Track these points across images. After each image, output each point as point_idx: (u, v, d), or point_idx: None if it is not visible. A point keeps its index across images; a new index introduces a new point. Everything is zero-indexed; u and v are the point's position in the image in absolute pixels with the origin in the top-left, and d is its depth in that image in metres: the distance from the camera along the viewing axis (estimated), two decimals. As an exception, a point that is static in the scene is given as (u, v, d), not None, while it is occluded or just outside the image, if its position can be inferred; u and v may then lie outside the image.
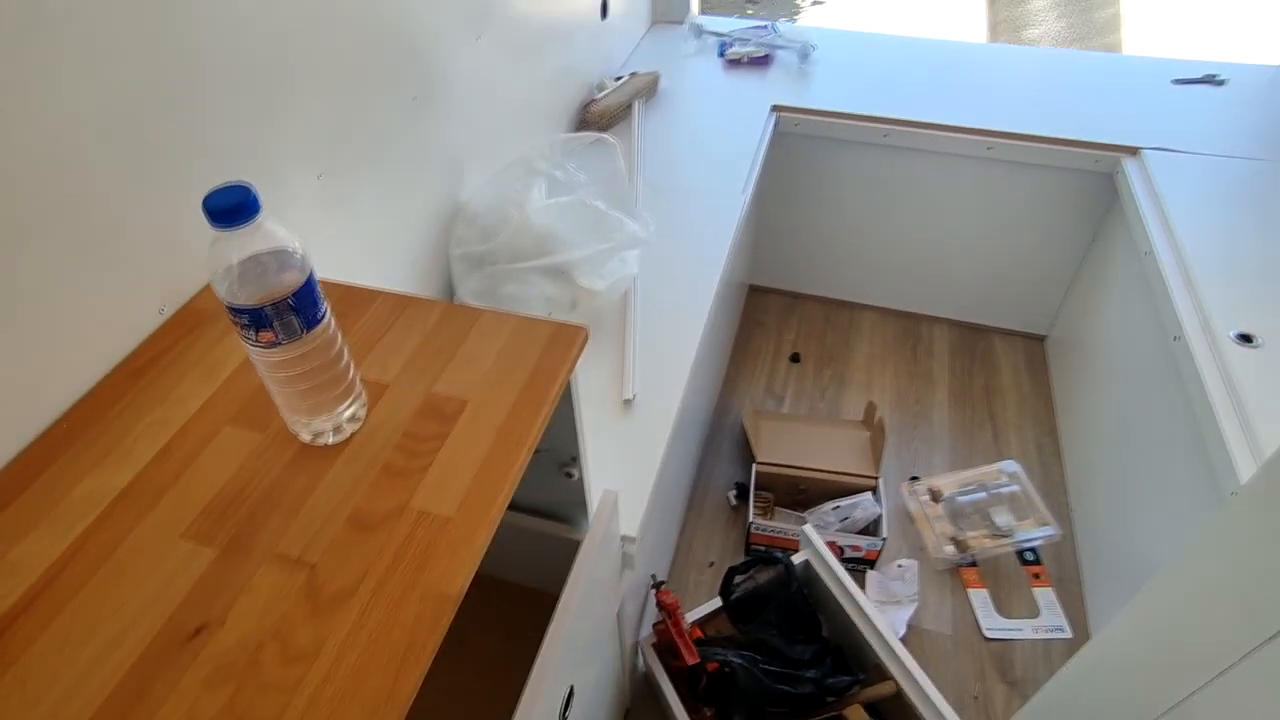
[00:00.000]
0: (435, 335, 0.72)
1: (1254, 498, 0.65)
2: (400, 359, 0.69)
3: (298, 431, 0.62)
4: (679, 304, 1.36)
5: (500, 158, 1.39)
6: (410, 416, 0.65)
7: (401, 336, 0.72)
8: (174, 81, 0.71)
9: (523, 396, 0.66)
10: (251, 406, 0.65)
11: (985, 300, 2.19)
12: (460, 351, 0.70)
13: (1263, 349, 1.23)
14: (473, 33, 1.27)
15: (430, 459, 0.61)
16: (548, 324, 0.72)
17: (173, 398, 0.67)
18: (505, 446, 0.62)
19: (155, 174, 0.71)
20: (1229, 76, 2.00)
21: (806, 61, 2.08)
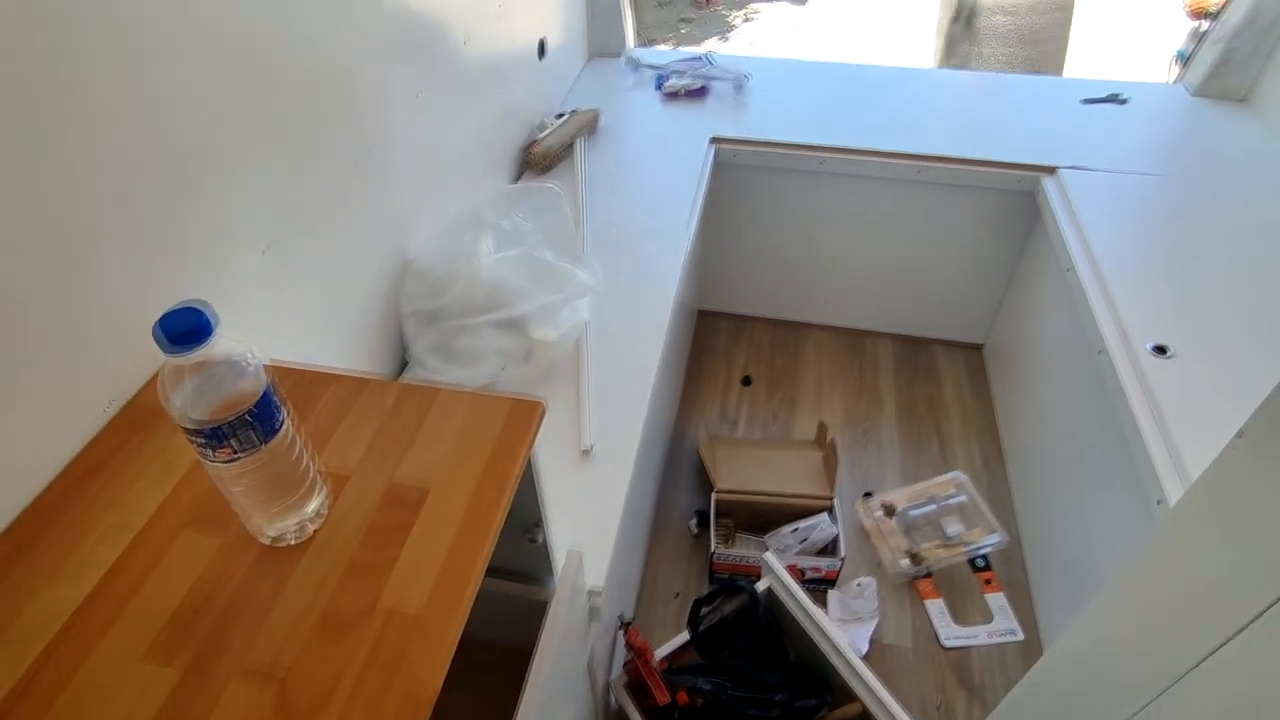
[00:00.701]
0: (394, 418, 0.72)
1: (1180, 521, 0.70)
2: (360, 446, 0.70)
3: (259, 534, 0.61)
4: (631, 346, 1.38)
5: (446, 208, 1.40)
6: (374, 508, 0.65)
7: (360, 421, 0.72)
8: (107, 169, 0.71)
9: (485, 478, 0.67)
10: (210, 507, 0.64)
11: (925, 313, 2.27)
12: (420, 433, 0.71)
13: (1176, 359, 1.32)
14: (412, 90, 1.27)
15: (396, 552, 0.62)
16: (505, 400, 0.73)
17: (127, 501, 0.66)
18: (471, 533, 0.63)
19: (92, 264, 0.70)
20: (1130, 95, 2.13)
21: (742, 92, 2.14)
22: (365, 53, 1.12)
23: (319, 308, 1.07)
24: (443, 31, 1.37)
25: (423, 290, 1.24)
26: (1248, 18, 1.97)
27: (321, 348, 1.10)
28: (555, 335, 1.22)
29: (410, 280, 1.25)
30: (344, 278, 1.13)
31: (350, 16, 1.07)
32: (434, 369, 1.23)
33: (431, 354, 1.23)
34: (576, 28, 2.22)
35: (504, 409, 0.73)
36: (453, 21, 1.40)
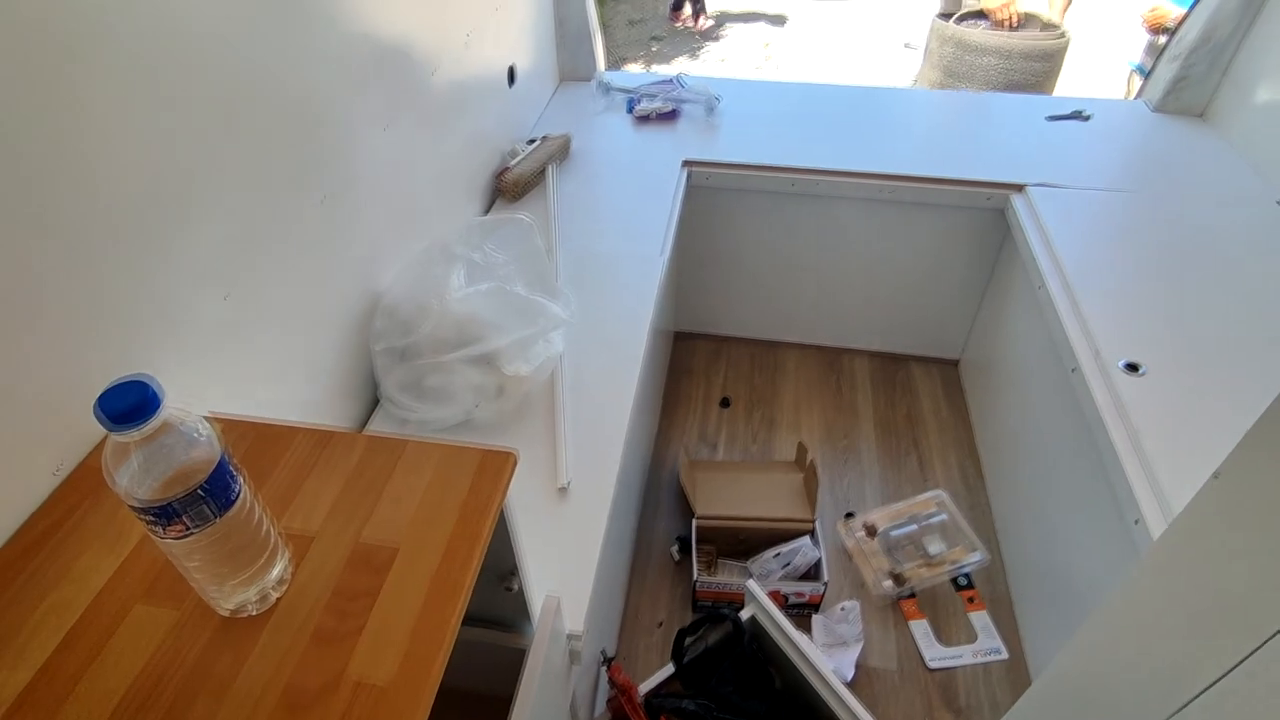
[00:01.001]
0: (360, 474, 0.70)
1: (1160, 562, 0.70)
2: (325, 505, 0.67)
3: (217, 606, 0.59)
4: (607, 376, 1.37)
5: (417, 240, 1.38)
6: (339, 571, 0.63)
7: (325, 478, 0.70)
8: (53, 216, 0.68)
9: (456, 536, 0.65)
10: (164, 577, 0.61)
11: (900, 330, 2.28)
12: (387, 490, 0.69)
13: (1147, 377, 1.33)
14: (379, 124, 1.25)
15: (363, 619, 0.59)
16: (475, 451, 0.72)
17: (75, 573, 0.63)
18: (441, 596, 0.61)
19: (37, 319, 0.67)
20: (1093, 111, 2.17)
21: (713, 114, 2.15)
22: (330, 89, 1.10)
23: (286, 351, 1.05)
24: (410, 64, 1.36)
25: (392, 327, 1.22)
26: (1203, 36, 2.02)
27: (290, 391, 1.07)
28: (528, 370, 1.20)
29: (380, 317, 1.23)
30: (312, 318, 1.11)
31: (314, 53, 1.06)
32: (406, 408, 1.21)
33: (403, 392, 1.21)
34: (546, 53, 2.22)
35: (474, 461, 0.71)
36: (420, 54, 1.39)
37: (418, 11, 1.36)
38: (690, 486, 1.77)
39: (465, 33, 1.59)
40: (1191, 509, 0.59)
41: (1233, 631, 0.54)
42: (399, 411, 1.21)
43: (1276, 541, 0.52)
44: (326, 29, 1.08)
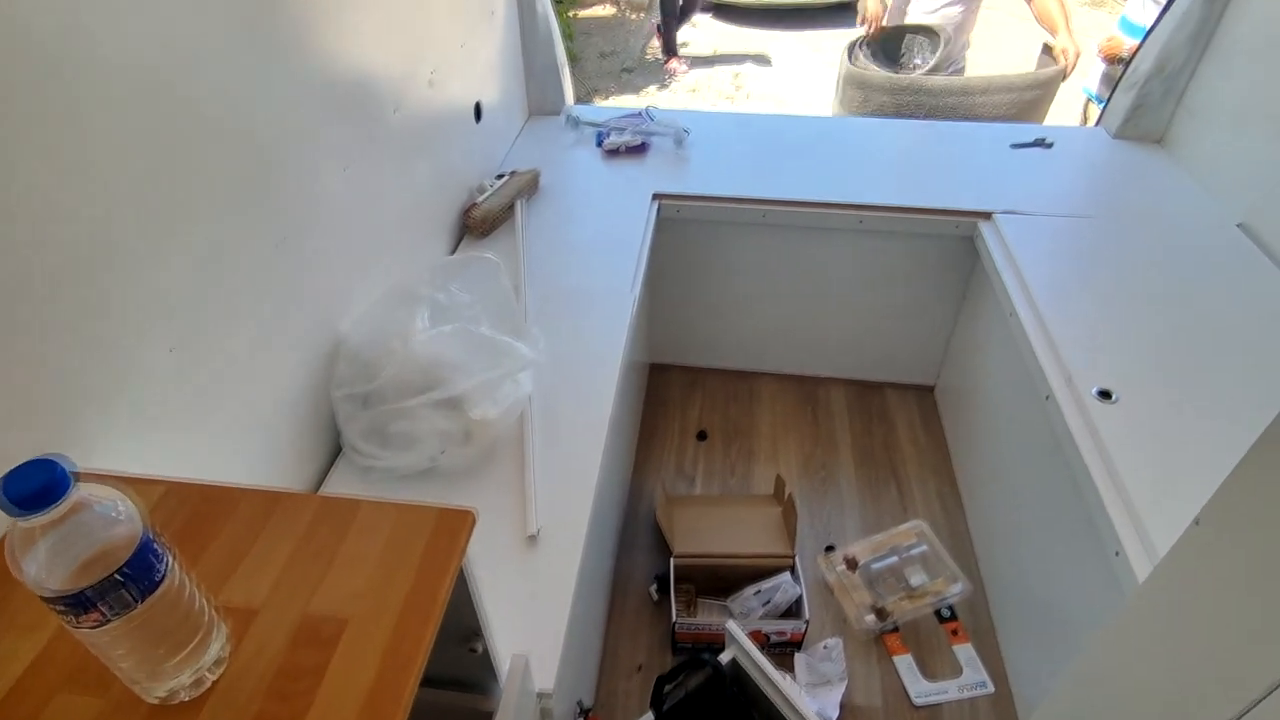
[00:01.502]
0: (310, 538, 0.66)
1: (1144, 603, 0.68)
2: (271, 575, 0.63)
3: (146, 695, 0.54)
4: (579, 415, 1.34)
5: (381, 281, 1.35)
6: (284, 648, 0.58)
7: (271, 545, 0.66)
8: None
9: (409, 606, 0.61)
10: (89, 664, 0.57)
11: (875, 357, 2.28)
12: (339, 555, 0.65)
13: (1120, 404, 1.33)
14: (338, 164, 1.23)
15: (309, 700, 0.55)
16: (431, 511, 0.68)
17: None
18: (393, 670, 0.57)
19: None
20: (1055, 139, 2.21)
21: (682, 146, 2.15)
22: (286, 128, 1.07)
23: (239, 403, 1.00)
24: (371, 102, 1.34)
25: (354, 372, 1.18)
26: (1156, 65, 2.06)
27: (244, 444, 1.03)
28: (496, 413, 1.17)
29: (341, 362, 1.19)
30: (268, 367, 1.07)
31: (268, 91, 1.03)
32: (369, 456, 1.16)
33: (366, 439, 1.17)
34: (514, 87, 2.21)
35: (430, 521, 0.67)
36: (382, 92, 1.37)
37: (378, 49, 1.34)
38: (667, 524, 1.73)
39: (429, 70, 1.58)
40: (1173, 556, 0.57)
41: (1224, 687, 0.51)
42: (362, 460, 1.17)
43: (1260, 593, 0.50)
44: (281, 67, 1.06)
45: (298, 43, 1.09)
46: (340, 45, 1.21)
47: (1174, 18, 2.02)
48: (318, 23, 1.14)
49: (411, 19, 1.48)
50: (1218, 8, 1.95)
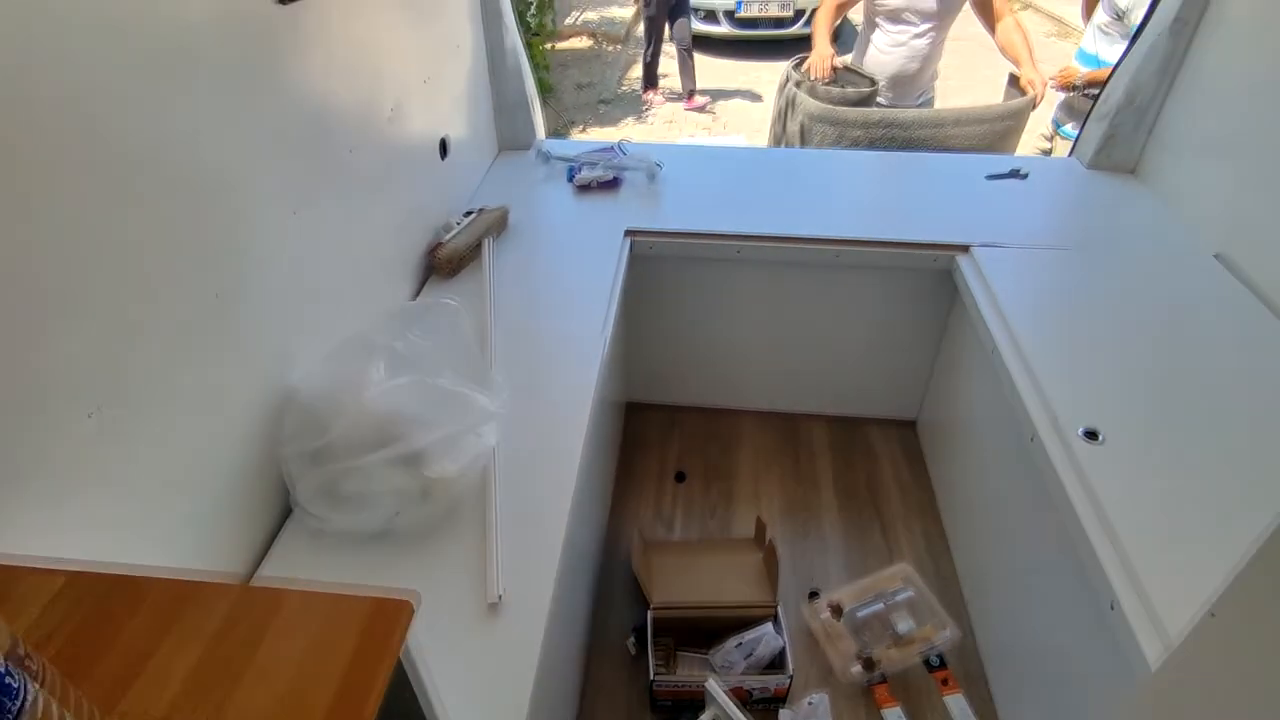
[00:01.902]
0: (224, 639, 0.59)
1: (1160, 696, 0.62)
2: (174, 685, 0.56)
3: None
4: (545, 470, 1.27)
5: (337, 327, 1.28)
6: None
7: (179, 648, 0.58)
8: None
9: (331, 716, 0.54)
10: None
11: (855, 393, 2.24)
12: (256, 659, 0.58)
13: (1107, 445, 1.28)
14: (289, 208, 1.17)
15: (208, 841, 0.48)
16: (365, 602, 0.61)
17: None
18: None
19: None
20: (1030, 170, 2.20)
21: (654, 181, 2.11)
22: (227, 169, 1.02)
23: (175, 465, 0.93)
24: (325, 141, 1.28)
25: (305, 428, 1.11)
26: (1127, 97, 2.07)
27: (181, 508, 0.95)
28: (455, 470, 1.10)
29: (291, 416, 1.12)
30: (207, 426, 0.99)
31: (205, 130, 0.97)
32: (320, 517, 1.09)
33: (317, 500, 1.09)
34: (483, 122, 2.17)
35: (364, 613, 0.60)
36: (337, 129, 1.32)
37: (332, 84, 1.29)
38: (645, 574, 1.66)
39: (389, 106, 1.53)
40: (1188, 646, 0.51)
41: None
42: (313, 522, 1.10)
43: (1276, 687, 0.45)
44: (219, 102, 1.00)
45: (239, 77, 1.04)
46: (289, 80, 1.16)
47: (1141, 51, 2.02)
48: (262, 56, 1.08)
49: (369, 54, 1.43)
50: (1183, 42, 1.96)
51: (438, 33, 1.79)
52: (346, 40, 1.33)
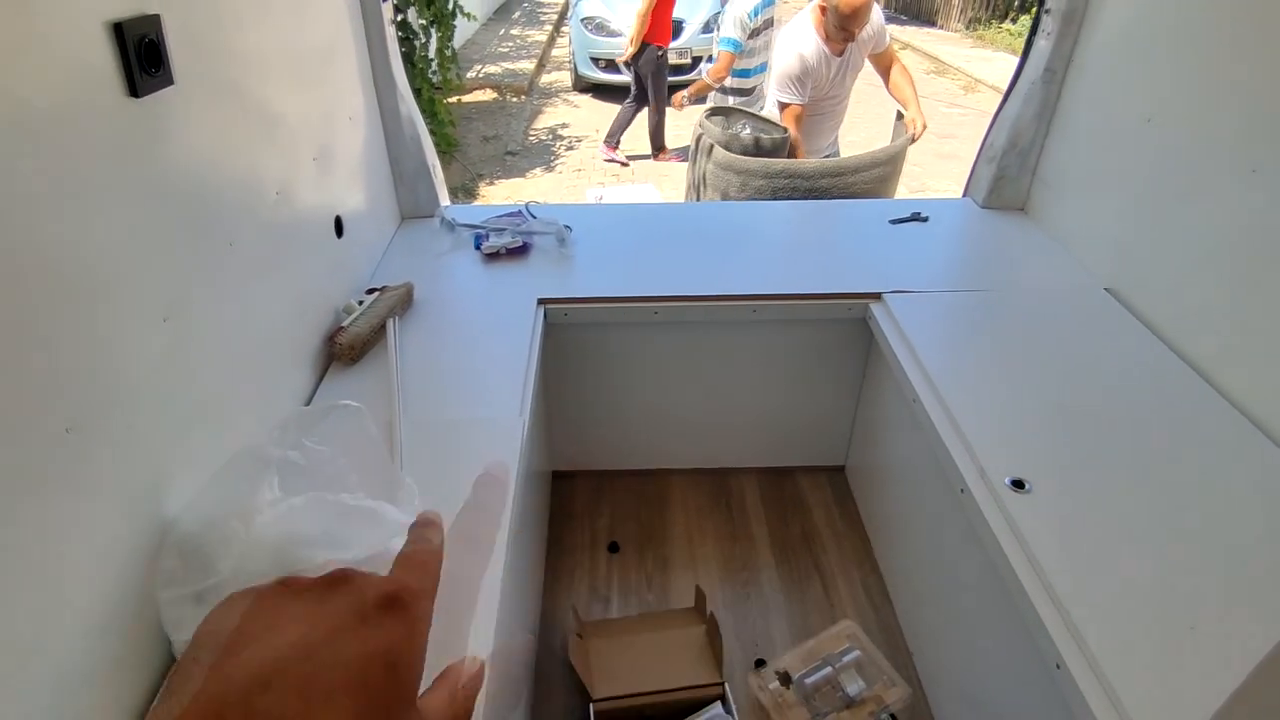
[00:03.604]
0: None
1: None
2: None
3: None
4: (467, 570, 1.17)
5: (230, 436, 1.16)
6: None
7: None
8: None
9: None
10: None
11: (783, 443, 2.23)
12: None
13: (1034, 494, 1.29)
14: (158, 314, 1.05)
15: None
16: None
17: None
18: None
19: None
20: (929, 212, 2.28)
21: (565, 245, 2.07)
22: (81, 282, 0.90)
23: (10, 631, 0.79)
24: (199, 237, 1.17)
25: (187, 567, 0.98)
26: (1010, 140, 2.18)
27: (23, 681, 0.81)
28: (365, 596, 0.99)
29: (169, 556, 0.98)
30: (56, 581, 0.86)
31: (54, 242, 0.85)
32: (208, 667, 0.95)
33: (203, 647, 0.96)
34: (382, 194, 2.08)
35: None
36: (212, 223, 1.20)
37: (202, 175, 1.18)
38: (583, 665, 1.57)
39: (274, 190, 1.43)
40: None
41: None
42: (199, 673, 0.96)
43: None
44: (65, 206, 0.88)
45: (87, 178, 0.92)
46: (150, 176, 1.05)
47: (1020, 97, 2.14)
48: (114, 152, 0.98)
49: (246, 137, 1.33)
50: (1055, 90, 2.08)
51: (326, 106, 1.70)
52: (218, 127, 1.23)
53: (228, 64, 1.26)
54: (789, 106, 3.09)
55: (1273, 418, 1.39)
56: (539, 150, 6.64)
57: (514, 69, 8.52)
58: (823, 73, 3.05)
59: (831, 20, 2.93)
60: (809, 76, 3.03)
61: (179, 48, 1.08)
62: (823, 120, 3.22)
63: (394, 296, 1.73)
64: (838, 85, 3.13)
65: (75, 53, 0.91)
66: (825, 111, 3.21)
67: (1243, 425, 1.41)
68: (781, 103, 3.12)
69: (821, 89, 3.10)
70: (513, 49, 9.48)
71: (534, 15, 11.46)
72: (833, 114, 3.24)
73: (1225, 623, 1.07)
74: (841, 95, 3.20)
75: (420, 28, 4.97)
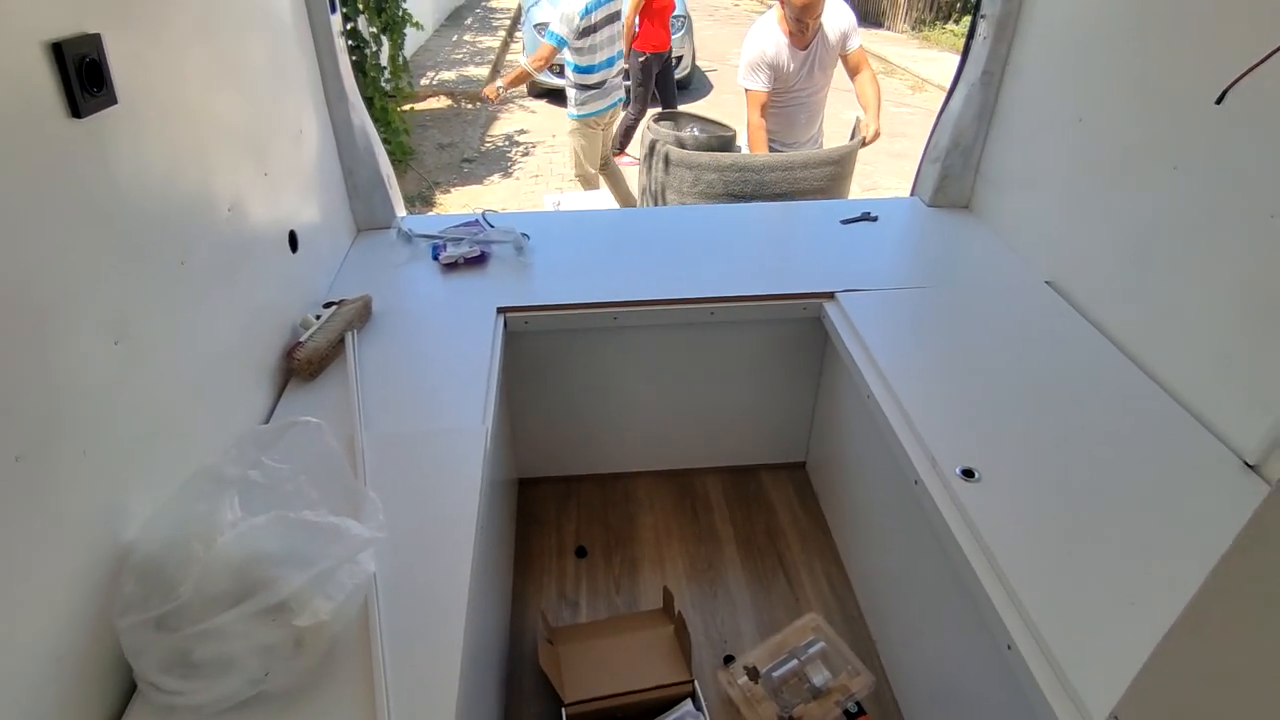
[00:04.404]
0: None
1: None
2: None
3: None
4: (435, 581, 1.17)
5: (188, 457, 1.14)
6: None
7: None
8: None
9: None
10: None
11: (745, 442, 2.27)
12: None
13: (983, 483, 1.34)
14: (109, 336, 1.04)
15: None
16: None
17: None
18: None
19: None
20: (878, 212, 2.34)
21: (523, 253, 2.08)
22: (25, 307, 0.88)
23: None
24: (150, 257, 1.15)
25: (146, 591, 0.97)
26: (953, 141, 2.25)
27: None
28: (330, 611, 0.99)
29: (126, 581, 0.97)
30: (6, 611, 0.84)
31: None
32: (171, 691, 0.95)
33: (166, 672, 0.95)
34: (337, 207, 2.07)
35: None
36: (163, 242, 1.19)
37: (152, 194, 1.16)
38: (554, 670, 1.58)
39: (226, 206, 1.41)
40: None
41: None
42: (162, 698, 0.95)
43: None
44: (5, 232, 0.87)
45: (29, 202, 0.91)
46: (96, 198, 1.03)
47: (960, 99, 2.22)
48: (58, 175, 0.96)
49: (196, 154, 1.31)
50: (993, 91, 2.16)
51: (277, 121, 1.69)
52: (166, 145, 1.21)
53: (173, 81, 1.25)
54: (751, 92, 3.24)
55: (1200, 401, 1.46)
56: (496, 157, 6.62)
57: (468, 75, 8.47)
58: (784, 64, 3.16)
59: (789, 13, 3.06)
60: (770, 67, 3.18)
61: (122, 67, 1.07)
62: (796, 112, 3.33)
63: (352, 310, 1.73)
64: (805, 79, 3.23)
65: (12, 74, 0.90)
66: (796, 103, 3.30)
67: (1173, 409, 1.48)
68: (745, 89, 3.27)
69: (787, 81, 3.21)
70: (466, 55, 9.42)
71: (487, 21, 11.40)
72: (806, 107, 3.33)
73: (1163, 595, 1.13)
74: (812, 89, 3.29)
75: (371, 35, 4.92)
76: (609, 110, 4.35)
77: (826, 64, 3.26)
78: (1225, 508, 1.28)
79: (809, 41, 3.16)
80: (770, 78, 3.19)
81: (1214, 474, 1.35)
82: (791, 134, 3.40)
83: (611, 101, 4.33)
